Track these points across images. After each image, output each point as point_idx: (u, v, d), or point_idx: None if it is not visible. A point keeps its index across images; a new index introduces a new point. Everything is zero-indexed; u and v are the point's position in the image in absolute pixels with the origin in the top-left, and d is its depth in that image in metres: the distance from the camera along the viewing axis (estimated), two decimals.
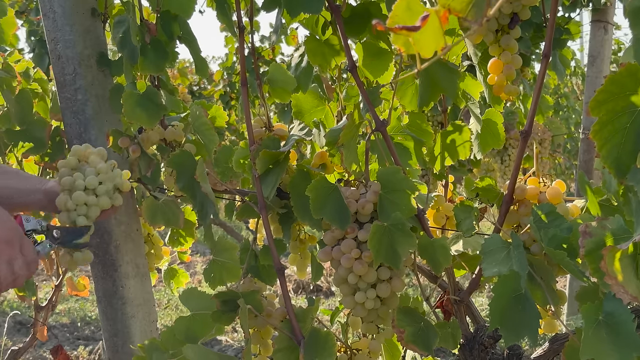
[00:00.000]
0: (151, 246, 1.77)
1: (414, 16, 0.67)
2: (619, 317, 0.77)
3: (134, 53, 1.36)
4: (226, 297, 1.07)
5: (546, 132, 3.06)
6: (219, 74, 6.09)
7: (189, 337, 1.09)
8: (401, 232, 0.99)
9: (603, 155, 0.78)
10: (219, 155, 1.37)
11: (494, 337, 1.10)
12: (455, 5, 0.67)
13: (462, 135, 1.28)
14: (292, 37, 4.90)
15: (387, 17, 1.15)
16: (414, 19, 0.65)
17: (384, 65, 1.17)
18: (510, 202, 1.02)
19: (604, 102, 0.76)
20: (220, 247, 1.30)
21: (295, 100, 1.26)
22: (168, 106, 1.45)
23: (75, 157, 1.26)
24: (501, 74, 1.07)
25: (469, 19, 0.66)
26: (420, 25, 0.59)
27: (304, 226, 1.32)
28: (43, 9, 1.56)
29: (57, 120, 1.84)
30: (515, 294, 0.86)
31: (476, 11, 0.66)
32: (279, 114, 4.37)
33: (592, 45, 3.24)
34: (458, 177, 2.79)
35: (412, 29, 0.63)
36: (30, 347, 2.22)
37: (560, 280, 4.47)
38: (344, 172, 1.25)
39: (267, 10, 1.11)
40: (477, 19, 0.66)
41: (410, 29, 0.63)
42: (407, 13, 0.70)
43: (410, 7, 0.70)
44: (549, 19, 0.91)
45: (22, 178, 1.24)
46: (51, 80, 1.92)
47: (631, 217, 0.78)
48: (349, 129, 1.05)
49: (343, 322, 1.24)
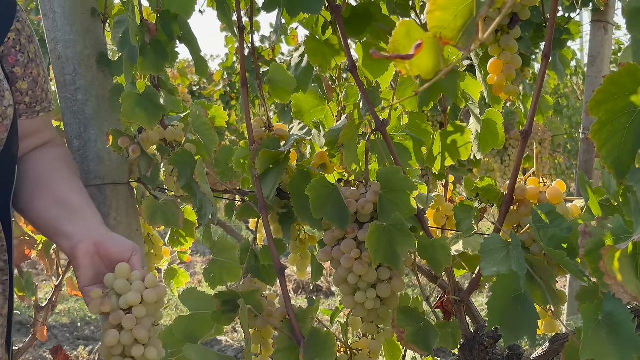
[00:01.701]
0: (151, 246, 1.77)
1: (414, 41, 0.70)
2: (619, 317, 0.77)
3: (134, 53, 1.36)
4: (226, 297, 1.07)
5: (546, 132, 3.06)
6: (219, 74, 6.09)
7: (189, 337, 1.09)
8: (400, 232, 0.99)
9: (603, 155, 0.78)
10: (219, 155, 1.37)
11: (494, 337, 1.10)
12: (446, 34, 0.68)
13: (463, 135, 1.28)
14: (292, 37, 4.90)
15: (387, 17, 1.16)
16: (414, 44, 0.67)
17: (384, 65, 1.17)
18: (510, 202, 1.03)
19: (603, 102, 0.76)
20: (220, 247, 1.30)
21: (295, 100, 1.26)
22: (168, 106, 1.45)
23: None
24: (501, 74, 1.07)
25: (460, 47, 0.68)
26: (413, 54, 0.61)
27: (304, 226, 1.32)
28: (43, 9, 1.56)
29: (57, 120, 1.84)
30: (514, 294, 0.86)
31: (466, 39, 0.68)
32: (279, 114, 4.37)
33: (592, 45, 3.24)
34: (458, 177, 2.79)
35: (406, 57, 0.66)
36: (30, 347, 2.22)
37: (560, 280, 4.47)
38: (344, 172, 1.25)
39: (267, 11, 1.11)
40: (467, 46, 0.68)
41: (405, 58, 0.66)
42: (406, 39, 0.72)
43: (409, 33, 0.71)
44: (549, 19, 0.91)
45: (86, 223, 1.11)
46: (51, 80, 1.92)
47: (631, 217, 0.78)
48: (349, 129, 1.05)
49: (343, 322, 1.24)
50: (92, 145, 1.59)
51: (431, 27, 0.68)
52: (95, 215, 1.16)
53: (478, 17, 0.66)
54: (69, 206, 1.14)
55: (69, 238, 1.08)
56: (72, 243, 1.07)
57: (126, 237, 1.11)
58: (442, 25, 0.68)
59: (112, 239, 1.08)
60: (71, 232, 1.09)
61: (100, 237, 1.08)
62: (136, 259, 1.05)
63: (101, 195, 1.60)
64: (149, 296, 0.98)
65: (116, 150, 1.48)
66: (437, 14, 0.67)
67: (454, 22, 0.68)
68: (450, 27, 0.68)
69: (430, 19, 0.68)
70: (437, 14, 0.68)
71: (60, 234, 1.10)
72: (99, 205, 1.61)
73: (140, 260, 1.06)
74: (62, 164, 1.24)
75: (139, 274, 1.01)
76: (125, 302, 0.98)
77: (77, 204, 1.15)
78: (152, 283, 1.00)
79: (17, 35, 1.15)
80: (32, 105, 1.20)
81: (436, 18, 0.68)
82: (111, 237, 1.09)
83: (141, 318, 0.98)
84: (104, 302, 0.98)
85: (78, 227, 1.10)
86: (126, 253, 1.05)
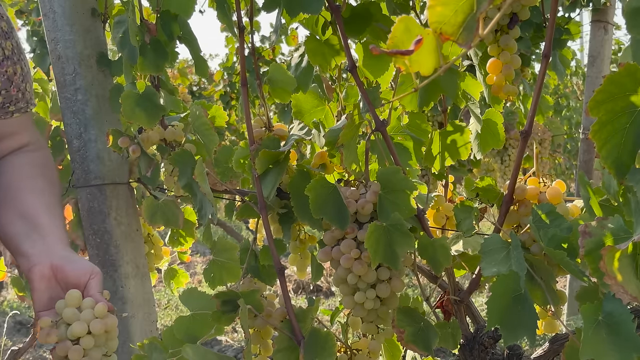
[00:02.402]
0: (151, 246, 1.77)
1: (413, 37, 0.69)
2: (619, 317, 0.77)
3: (134, 53, 1.36)
4: (226, 297, 1.07)
5: (546, 132, 3.06)
6: (219, 74, 6.09)
7: (189, 337, 1.09)
8: (399, 232, 0.99)
9: (603, 155, 0.78)
10: (219, 155, 1.37)
11: (494, 337, 1.10)
12: (446, 29, 0.68)
13: (463, 135, 1.28)
14: (292, 37, 4.90)
15: (387, 17, 1.16)
16: (413, 40, 0.67)
17: (384, 65, 1.17)
18: (510, 202, 1.02)
19: (603, 102, 0.76)
20: (220, 247, 1.30)
21: (295, 100, 1.26)
22: (168, 106, 1.45)
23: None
24: (500, 74, 1.07)
25: (460, 42, 0.68)
26: (413, 49, 0.61)
27: (304, 226, 1.32)
28: (43, 9, 1.56)
29: (57, 120, 1.85)
30: (514, 294, 0.86)
31: (467, 34, 0.68)
32: (279, 114, 4.37)
33: (592, 45, 3.24)
34: (458, 177, 2.79)
35: (406, 53, 0.65)
36: (30, 347, 2.22)
37: (560, 280, 4.47)
38: (344, 172, 1.25)
39: (267, 11, 1.11)
40: (468, 42, 0.67)
41: (404, 53, 0.65)
42: (406, 35, 0.71)
43: (408, 29, 0.71)
44: (549, 19, 0.91)
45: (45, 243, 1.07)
46: (51, 80, 1.93)
47: (631, 217, 0.78)
48: (348, 129, 1.05)
49: (343, 322, 1.24)
50: (92, 145, 1.59)
51: (431, 23, 0.68)
52: (59, 233, 1.11)
53: (478, 13, 0.66)
54: (33, 222, 1.09)
55: (27, 259, 1.05)
56: (29, 265, 1.04)
57: (126, 237, 1.11)
58: (443, 21, 0.68)
59: (70, 261, 1.04)
60: (30, 253, 1.05)
61: (59, 260, 1.03)
62: (94, 282, 1.01)
63: (101, 195, 1.61)
64: (96, 327, 0.94)
65: (116, 150, 1.48)
66: (438, 9, 0.67)
67: (455, 18, 0.68)
68: (450, 22, 0.68)
69: (431, 14, 0.68)
70: (437, 9, 0.67)
71: (20, 253, 1.07)
72: (99, 205, 1.61)
73: (98, 284, 1.02)
74: (37, 170, 1.18)
75: (90, 302, 0.96)
76: (71, 333, 0.93)
77: (42, 220, 1.10)
78: (101, 312, 0.95)
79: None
80: (6, 105, 1.13)
81: (437, 13, 0.68)
82: (70, 259, 1.05)
83: (89, 349, 0.93)
84: (50, 333, 0.93)
85: (37, 248, 1.06)
86: (84, 276, 1.01)
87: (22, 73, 1.13)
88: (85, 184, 1.62)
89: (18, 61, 1.12)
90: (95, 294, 1.00)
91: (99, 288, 1.01)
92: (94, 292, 1.00)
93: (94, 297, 0.99)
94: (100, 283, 1.02)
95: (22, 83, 1.14)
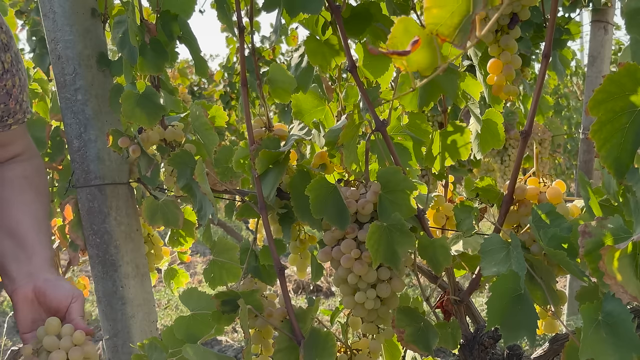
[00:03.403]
0: (151, 246, 1.77)
1: (412, 38, 0.70)
2: (619, 317, 0.77)
3: (134, 53, 1.36)
4: (226, 297, 1.07)
5: (546, 132, 3.06)
6: (219, 74, 6.09)
7: (189, 337, 1.09)
8: (400, 232, 0.99)
9: (602, 155, 0.78)
10: (219, 155, 1.37)
11: (493, 337, 1.10)
12: (442, 31, 0.69)
13: (463, 135, 1.28)
14: (292, 37, 4.90)
15: (387, 18, 1.16)
16: (411, 41, 0.68)
17: (384, 65, 1.17)
18: (510, 202, 1.02)
19: (603, 102, 0.76)
20: (220, 247, 1.30)
21: (295, 100, 1.26)
22: (168, 106, 1.45)
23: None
24: (500, 74, 1.07)
25: (456, 43, 0.68)
26: (410, 50, 0.62)
27: (304, 226, 1.32)
28: (43, 9, 1.56)
29: (57, 120, 1.85)
30: (514, 294, 0.86)
31: (462, 36, 0.69)
32: (279, 114, 4.37)
33: (592, 45, 3.24)
34: (458, 177, 2.79)
35: (403, 53, 0.66)
36: None
37: (560, 280, 4.47)
38: (344, 172, 1.25)
39: (267, 11, 1.11)
40: (463, 43, 0.68)
41: (402, 54, 0.66)
42: (404, 35, 0.72)
43: (407, 30, 0.72)
44: (549, 19, 0.91)
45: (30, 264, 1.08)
46: (51, 80, 1.93)
47: (630, 217, 0.78)
48: (348, 129, 1.05)
49: (343, 322, 1.24)
50: (92, 145, 1.59)
51: (428, 24, 0.69)
52: (44, 253, 1.11)
53: (474, 15, 0.67)
54: (19, 241, 1.10)
55: (11, 280, 1.06)
56: (13, 287, 1.05)
57: (126, 237, 1.11)
58: (439, 22, 0.68)
59: (52, 286, 1.05)
60: (14, 275, 1.06)
61: (42, 283, 1.04)
62: (75, 306, 1.02)
63: (101, 195, 1.61)
64: (75, 355, 0.95)
65: (116, 150, 1.48)
66: (434, 11, 0.68)
67: (451, 20, 0.68)
68: (446, 24, 0.69)
69: (427, 16, 0.68)
70: (434, 11, 0.68)
71: (5, 274, 1.08)
72: (99, 205, 1.61)
73: (79, 308, 1.03)
74: (27, 182, 1.18)
75: (69, 329, 0.98)
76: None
77: (29, 239, 1.11)
78: (79, 340, 0.97)
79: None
80: (5, 118, 1.12)
81: (433, 15, 0.68)
82: (52, 284, 1.05)
83: None
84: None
85: (21, 269, 1.07)
86: (65, 300, 1.02)
87: (20, 84, 1.13)
88: (85, 184, 1.62)
89: (16, 72, 1.12)
90: (75, 318, 1.01)
91: (80, 312, 1.03)
92: (74, 316, 1.01)
93: (75, 322, 1.01)
94: (81, 307, 1.03)
95: (20, 94, 1.13)
